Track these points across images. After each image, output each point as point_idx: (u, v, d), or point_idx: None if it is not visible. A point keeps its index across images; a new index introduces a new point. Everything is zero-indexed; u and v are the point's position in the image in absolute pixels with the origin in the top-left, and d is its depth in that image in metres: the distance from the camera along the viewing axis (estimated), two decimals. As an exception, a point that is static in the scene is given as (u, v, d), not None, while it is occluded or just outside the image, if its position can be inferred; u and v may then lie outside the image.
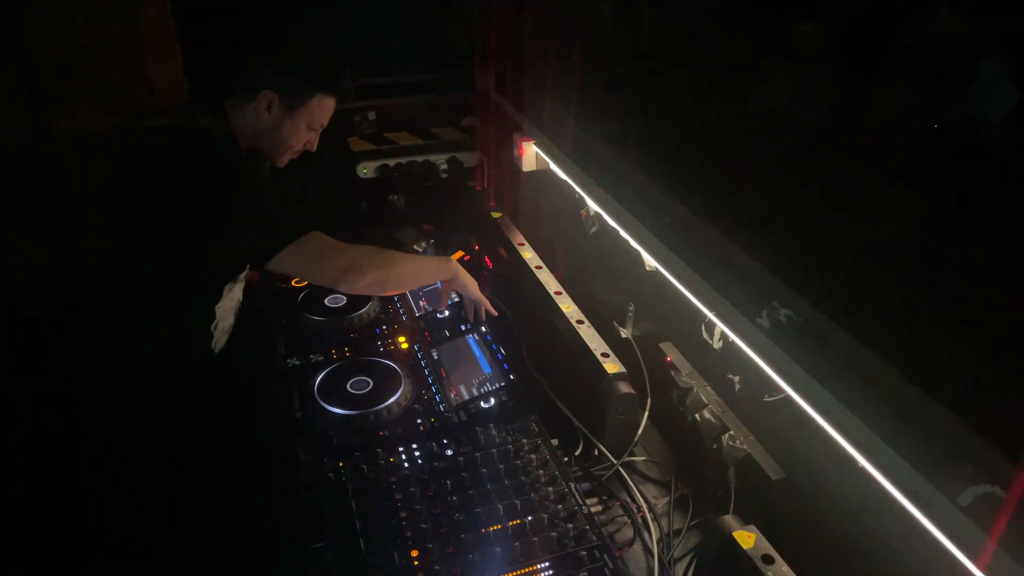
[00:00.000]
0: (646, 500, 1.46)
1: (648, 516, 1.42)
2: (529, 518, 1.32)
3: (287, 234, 1.56)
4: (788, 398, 1.25)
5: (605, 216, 1.79)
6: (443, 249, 2.32)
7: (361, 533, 1.27)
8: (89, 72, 2.34)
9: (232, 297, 1.74)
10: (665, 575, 1.31)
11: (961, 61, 1.36)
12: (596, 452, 1.57)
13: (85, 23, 2.30)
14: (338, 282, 1.64)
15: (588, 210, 1.98)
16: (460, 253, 2.29)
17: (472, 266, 2.20)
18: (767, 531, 1.18)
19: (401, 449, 1.47)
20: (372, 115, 2.63)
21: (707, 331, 1.51)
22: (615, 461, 1.53)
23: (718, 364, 1.49)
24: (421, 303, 1.98)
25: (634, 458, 1.56)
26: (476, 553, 1.24)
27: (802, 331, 1.29)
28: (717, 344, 1.48)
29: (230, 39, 2.42)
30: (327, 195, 2.63)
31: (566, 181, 2.03)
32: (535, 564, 1.24)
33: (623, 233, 1.72)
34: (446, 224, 2.53)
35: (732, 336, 1.37)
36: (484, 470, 1.41)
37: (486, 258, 2.27)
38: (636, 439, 1.55)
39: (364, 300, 1.95)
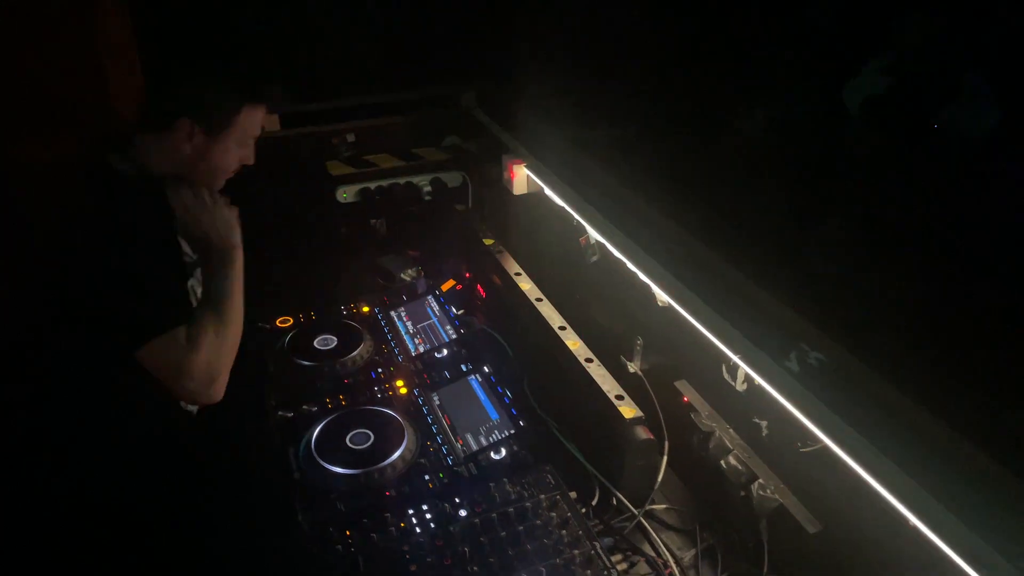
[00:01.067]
0: (671, 553, 1.39)
1: (676, 572, 1.35)
2: (555, 586, 1.24)
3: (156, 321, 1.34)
4: (825, 448, 1.18)
5: (611, 248, 1.71)
6: (433, 277, 2.22)
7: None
8: (39, 93, 2.18)
9: None
10: (702, 638, 1.24)
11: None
12: (614, 501, 1.49)
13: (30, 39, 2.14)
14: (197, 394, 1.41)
15: (588, 238, 1.90)
16: (451, 282, 2.19)
17: (464, 295, 2.11)
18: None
19: (411, 511, 1.38)
20: (351, 137, 2.51)
21: (729, 373, 1.44)
22: (636, 512, 1.45)
23: (741, 407, 1.42)
24: (416, 342, 1.88)
25: (655, 506, 1.48)
26: (504, 632, 1.16)
27: (836, 376, 1.23)
28: (741, 387, 1.41)
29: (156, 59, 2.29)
30: (305, 221, 2.51)
31: (563, 207, 1.94)
32: (568, 642, 1.16)
33: (631, 266, 1.64)
34: (434, 250, 2.43)
35: (759, 381, 1.31)
36: (503, 533, 1.32)
37: (479, 286, 2.18)
38: (656, 486, 1.48)
39: (356, 341, 1.84)
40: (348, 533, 1.33)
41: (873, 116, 1.62)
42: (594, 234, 1.82)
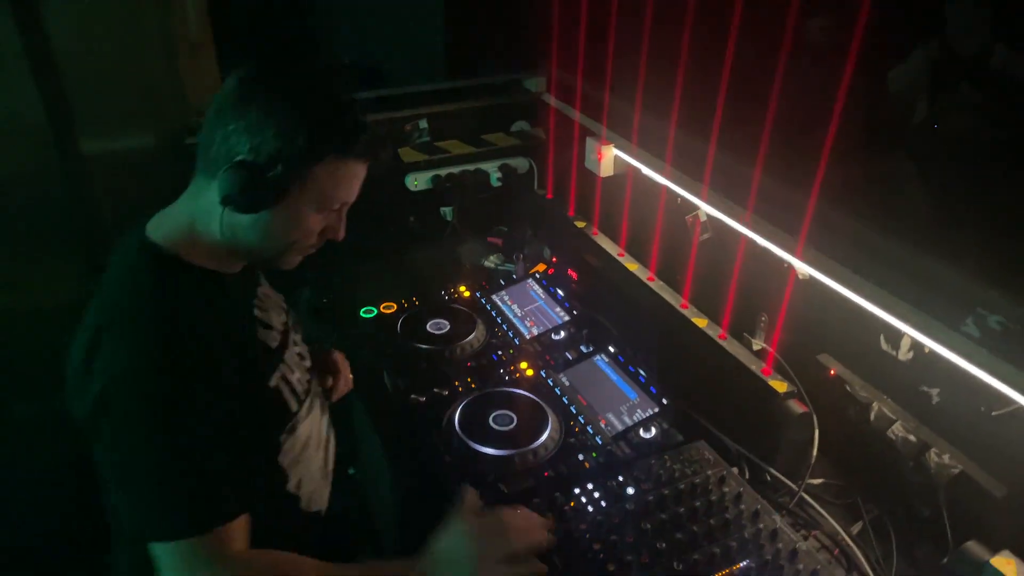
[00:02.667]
0: (842, 526, 1.37)
1: (852, 545, 1.33)
2: (748, 562, 1.20)
3: (201, 517, 1.03)
4: (1020, 409, 1.17)
5: (736, 226, 1.68)
6: (516, 267, 2.18)
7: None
8: (119, 84, 2.11)
9: (307, 441, 1.31)
10: (895, 609, 1.22)
11: None
12: (768, 478, 1.47)
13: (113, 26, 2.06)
14: None
15: (698, 215, 1.87)
16: (542, 266, 2.16)
17: (555, 280, 2.07)
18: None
19: (577, 491, 1.34)
20: (423, 123, 2.46)
21: (888, 342, 1.42)
22: (796, 487, 1.43)
23: (904, 377, 1.41)
24: (528, 324, 1.84)
25: (812, 481, 1.46)
26: (713, 607, 1.12)
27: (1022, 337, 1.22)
28: (905, 356, 1.39)
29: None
30: (376, 210, 2.46)
31: (664, 186, 1.92)
32: (778, 613, 1.13)
33: (762, 242, 1.61)
34: (512, 236, 2.39)
35: (934, 347, 1.29)
36: (680, 509, 1.29)
37: (570, 270, 2.14)
38: (813, 460, 1.45)
39: (470, 324, 1.79)
40: (520, 513, 1.29)
41: None
42: (709, 210, 1.79)
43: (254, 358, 1.21)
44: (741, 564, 1.20)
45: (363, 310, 1.88)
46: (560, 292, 1.93)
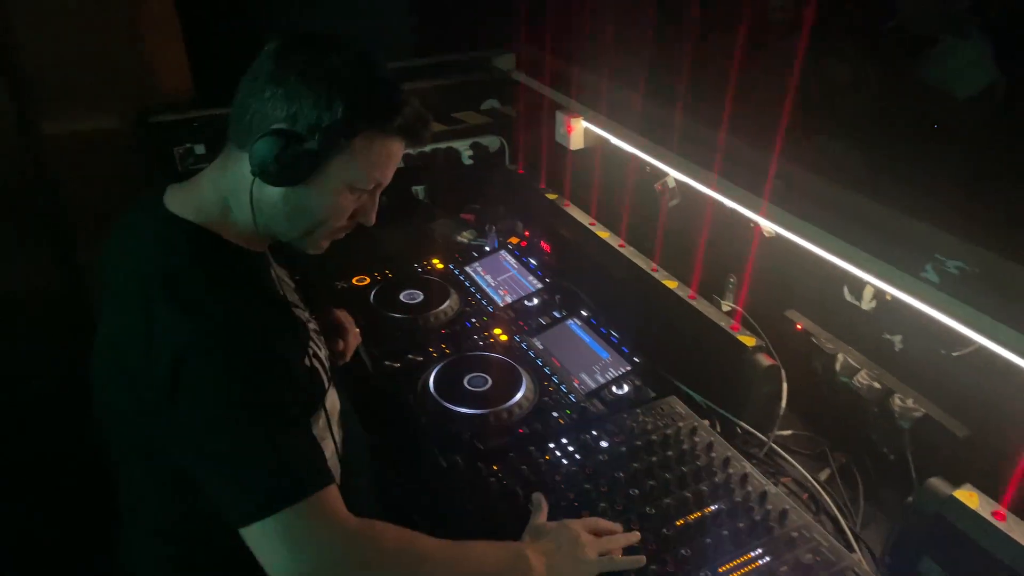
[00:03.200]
0: (810, 474, 1.40)
1: (820, 490, 1.36)
2: (718, 505, 1.23)
3: (296, 485, 0.95)
4: (980, 349, 1.21)
5: (703, 189, 1.71)
6: (489, 237, 2.19)
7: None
8: (82, 64, 2.08)
9: (327, 419, 1.24)
10: (863, 549, 1.25)
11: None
12: (739, 431, 1.50)
13: (76, 6, 2.04)
14: None
15: (666, 182, 1.90)
16: (514, 239, 2.17)
17: (529, 251, 2.09)
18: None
19: (552, 445, 1.35)
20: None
21: (852, 293, 1.46)
22: (766, 439, 1.46)
23: (867, 326, 1.44)
24: (501, 293, 1.85)
25: (782, 432, 1.49)
26: (685, 548, 1.14)
27: (981, 280, 1.25)
28: (868, 305, 1.43)
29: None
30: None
31: (633, 154, 1.94)
32: (748, 552, 1.15)
33: (730, 204, 1.64)
34: (484, 211, 2.40)
35: (897, 295, 1.32)
36: (653, 458, 1.31)
37: (542, 242, 2.16)
38: (781, 411, 1.48)
39: (443, 294, 1.80)
40: (495, 467, 1.30)
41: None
42: (678, 176, 1.82)
43: (293, 336, 1.14)
44: (712, 507, 1.22)
45: (336, 283, 1.88)
46: (533, 262, 1.95)
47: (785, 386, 1.51)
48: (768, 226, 1.57)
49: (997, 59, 1.98)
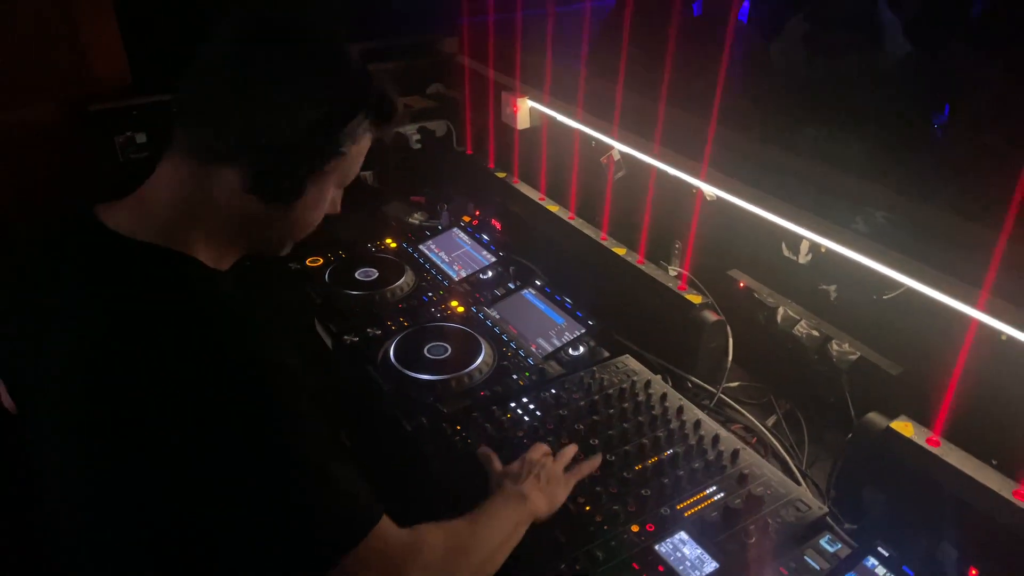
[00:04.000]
0: (758, 420, 1.48)
1: (767, 434, 1.44)
2: (674, 449, 1.29)
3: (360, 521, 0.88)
4: (910, 291, 1.30)
5: (646, 159, 1.77)
6: (440, 218, 2.22)
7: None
8: (7, 51, 2.01)
9: None
10: (809, 484, 1.33)
11: None
12: (689, 385, 1.56)
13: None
14: None
15: (611, 155, 1.96)
16: (466, 219, 2.20)
17: (480, 228, 2.12)
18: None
19: (513, 404, 1.40)
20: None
21: (790, 248, 1.54)
22: (715, 391, 1.53)
23: (804, 279, 1.52)
24: (456, 268, 1.89)
25: (729, 384, 1.56)
26: (645, 488, 1.20)
27: (906, 227, 1.34)
28: (805, 259, 1.51)
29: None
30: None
31: (578, 130, 1.99)
32: (704, 489, 1.21)
33: (673, 172, 1.71)
34: (436, 194, 2.43)
35: (832, 245, 1.41)
36: (610, 411, 1.37)
37: (493, 220, 2.20)
38: (729, 364, 1.56)
39: (398, 271, 1.82)
40: (459, 427, 1.34)
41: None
42: (623, 149, 1.88)
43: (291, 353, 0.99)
44: (668, 452, 1.28)
45: (289, 264, 1.88)
46: (486, 237, 1.99)
47: (731, 340, 1.59)
48: (709, 190, 1.65)
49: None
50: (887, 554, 1.10)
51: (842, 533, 1.18)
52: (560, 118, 2.07)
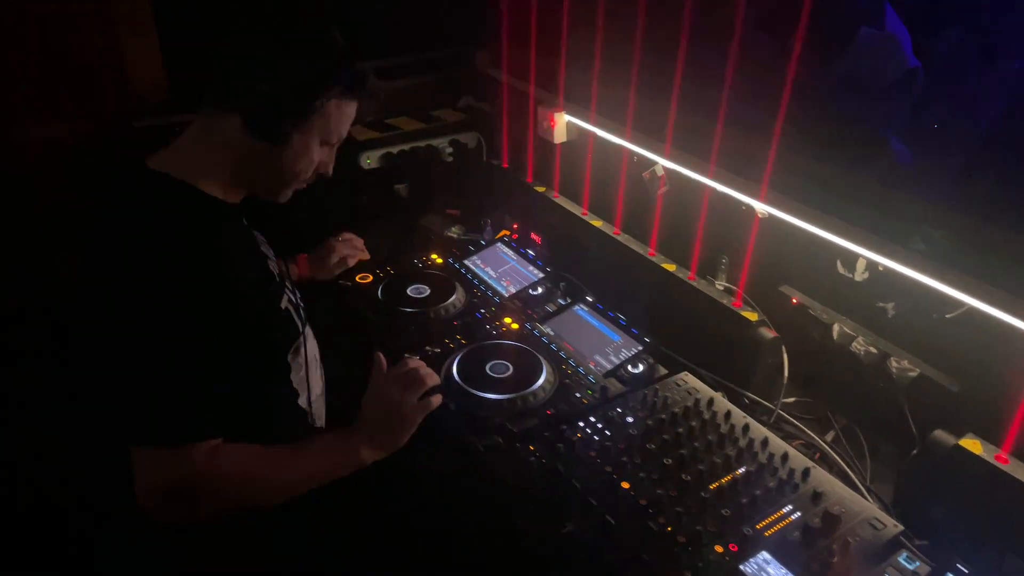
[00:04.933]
0: (817, 436, 1.50)
1: (829, 449, 1.46)
2: (745, 468, 1.31)
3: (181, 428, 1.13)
4: (972, 309, 1.33)
5: (695, 176, 1.79)
6: (479, 231, 2.24)
7: (604, 510, 1.21)
8: (48, 65, 2.01)
9: (308, 361, 1.40)
10: (874, 500, 1.36)
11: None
12: (746, 401, 1.59)
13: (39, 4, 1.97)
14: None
15: (654, 171, 1.98)
16: (505, 232, 2.22)
17: (522, 243, 2.14)
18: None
19: (581, 423, 1.41)
20: (374, 100, 2.47)
21: (845, 266, 1.56)
22: (773, 407, 1.55)
23: (860, 296, 1.55)
24: (504, 283, 1.90)
25: (787, 399, 1.59)
26: (724, 508, 1.22)
27: (965, 247, 1.37)
28: (861, 276, 1.53)
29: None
30: (327, 192, 2.45)
31: (623, 146, 2.01)
32: (780, 508, 1.24)
33: (722, 188, 1.73)
34: (471, 207, 2.44)
35: (890, 264, 1.43)
36: (679, 429, 1.39)
37: (532, 234, 2.22)
38: (784, 380, 1.58)
39: (450, 287, 1.84)
40: (532, 448, 1.35)
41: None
42: (668, 165, 1.90)
43: (267, 281, 1.31)
44: (740, 470, 1.31)
45: (340, 281, 1.89)
46: (531, 252, 2.00)
47: (786, 356, 1.61)
48: (762, 208, 1.67)
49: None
50: (966, 571, 1.12)
51: (916, 551, 1.20)
52: (602, 133, 2.09)
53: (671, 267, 1.79)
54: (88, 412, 1.33)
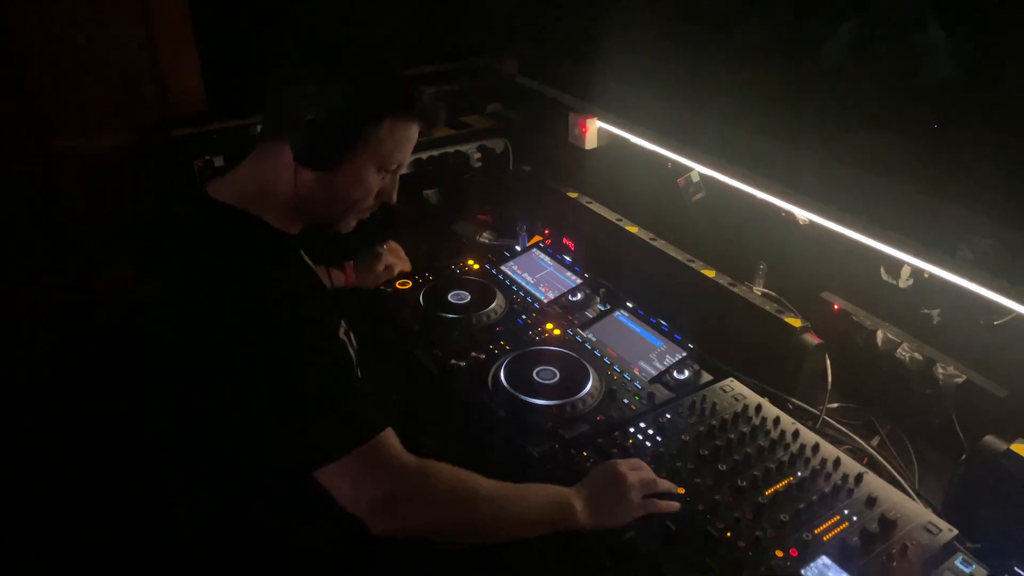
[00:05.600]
0: (864, 441, 1.52)
1: (876, 454, 1.48)
2: (800, 472, 1.33)
3: (358, 431, 1.11)
4: (1019, 317, 1.34)
5: (731, 182, 1.80)
6: (511, 237, 2.25)
7: (664, 516, 1.23)
8: (92, 77, 2.03)
9: None
10: (926, 504, 1.37)
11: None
12: (790, 407, 1.60)
13: (83, 18, 1.99)
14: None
15: (688, 177, 2.00)
16: (537, 238, 2.24)
17: (557, 250, 2.16)
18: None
19: (632, 429, 1.43)
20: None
21: (889, 272, 1.58)
22: (819, 412, 1.57)
23: (904, 303, 1.56)
24: (543, 289, 1.92)
25: (831, 405, 1.60)
26: (781, 513, 1.23)
27: (1013, 254, 1.38)
28: (905, 283, 1.55)
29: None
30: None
31: (654, 152, 2.03)
32: (836, 513, 1.25)
33: (761, 195, 1.74)
34: (501, 213, 2.46)
35: (936, 272, 1.45)
36: (731, 435, 1.40)
37: (565, 239, 2.23)
38: (829, 386, 1.60)
39: (490, 293, 1.86)
40: (585, 454, 1.37)
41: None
42: (703, 170, 1.92)
43: (329, 310, 1.28)
44: (795, 476, 1.32)
45: (381, 287, 1.91)
46: (568, 258, 2.02)
47: (829, 362, 1.63)
48: (803, 214, 1.68)
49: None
50: (1022, 574, 1.14)
51: (970, 556, 1.22)
52: (635, 140, 2.11)
53: (710, 273, 1.80)
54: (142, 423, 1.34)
